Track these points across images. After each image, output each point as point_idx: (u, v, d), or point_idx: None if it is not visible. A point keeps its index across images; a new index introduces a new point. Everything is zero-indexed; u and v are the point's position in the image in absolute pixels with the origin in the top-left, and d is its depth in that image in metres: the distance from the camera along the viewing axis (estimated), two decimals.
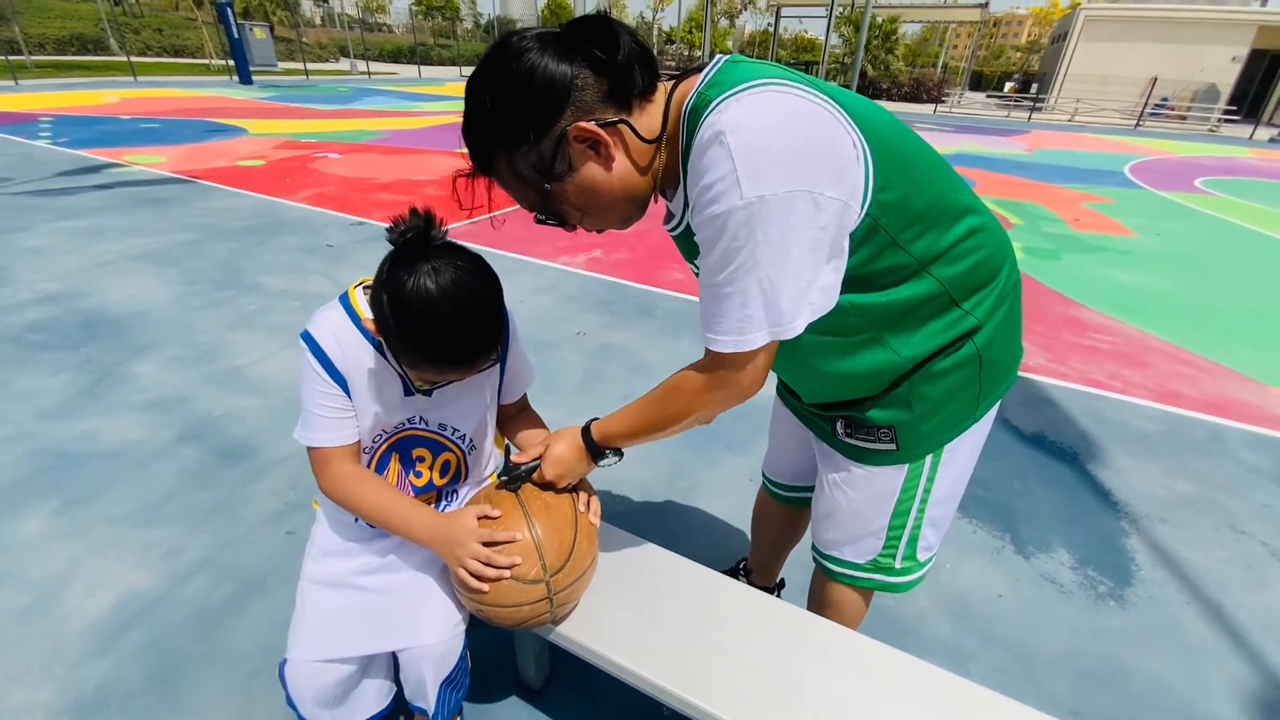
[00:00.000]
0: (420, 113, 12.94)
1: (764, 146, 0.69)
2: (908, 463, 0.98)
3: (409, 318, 0.83)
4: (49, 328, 2.98)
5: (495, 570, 0.95)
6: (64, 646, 1.44)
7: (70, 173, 6.13)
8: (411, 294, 0.82)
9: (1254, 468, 2.40)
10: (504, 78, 0.74)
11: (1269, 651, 1.61)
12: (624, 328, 3.34)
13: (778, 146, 0.69)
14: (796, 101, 0.72)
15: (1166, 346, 3.46)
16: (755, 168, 0.69)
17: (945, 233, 0.83)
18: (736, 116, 0.70)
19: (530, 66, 0.73)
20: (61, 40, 24.46)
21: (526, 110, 0.75)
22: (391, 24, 67.35)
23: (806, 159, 0.70)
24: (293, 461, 2.11)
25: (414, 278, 0.82)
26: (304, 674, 0.99)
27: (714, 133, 0.70)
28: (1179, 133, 19.77)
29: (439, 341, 0.86)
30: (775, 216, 0.70)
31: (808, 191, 0.70)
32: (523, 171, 0.80)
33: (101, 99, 12.50)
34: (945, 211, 0.83)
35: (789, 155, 0.70)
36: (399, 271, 0.83)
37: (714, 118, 0.71)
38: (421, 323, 0.83)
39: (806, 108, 0.72)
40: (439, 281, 0.83)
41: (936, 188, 0.83)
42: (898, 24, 30.37)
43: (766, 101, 0.71)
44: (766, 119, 0.70)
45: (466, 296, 0.85)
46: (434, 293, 0.82)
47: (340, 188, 6.09)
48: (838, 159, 0.72)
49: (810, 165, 0.70)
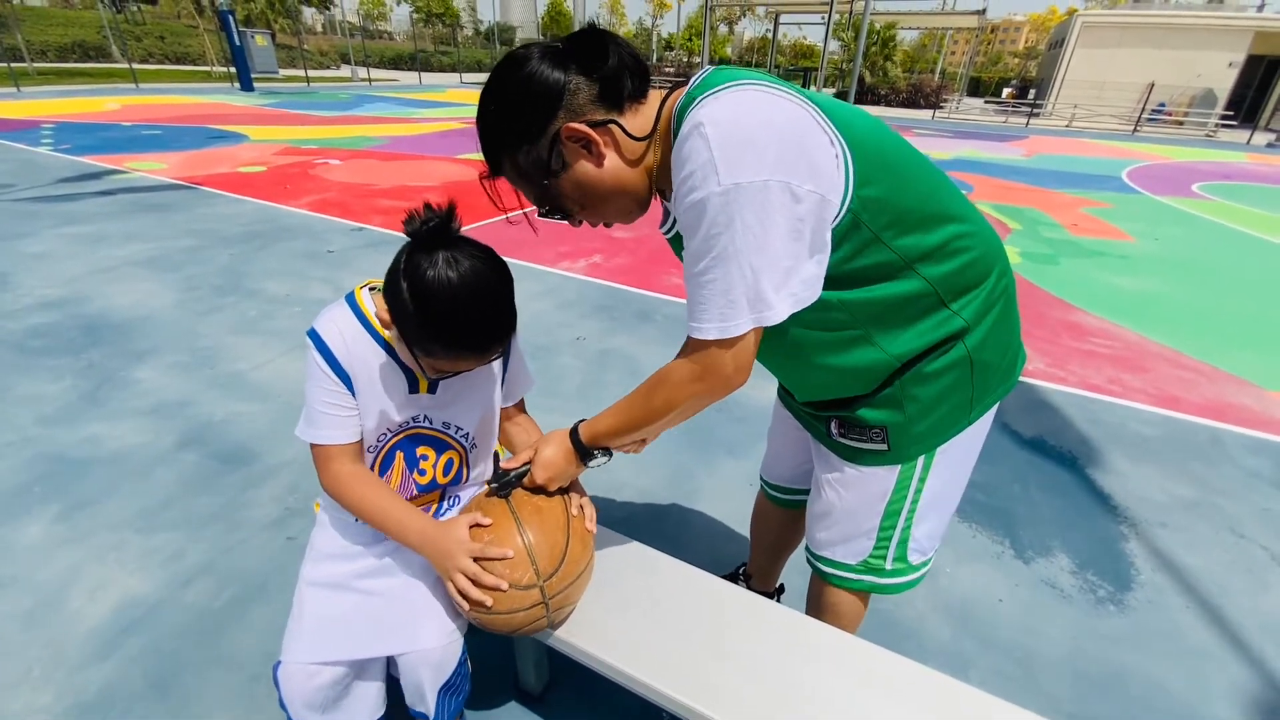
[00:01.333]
0: (421, 119, 12.99)
1: (741, 137, 0.73)
2: (900, 464, 0.99)
3: (429, 303, 0.85)
4: (51, 333, 2.99)
5: (479, 592, 0.95)
6: (65, 651, 1.44)
7: (72, 179, 6.16)
8: (432, 280, 0.84)
9: (1254, 471, 2.40)
10: (506, 86, 0.82)
11: (1269, 655, 1.61)
12: (624, 333, 3.35)
13: (755, 137, 0.73)
14: (775, 99, 0.76)
15: (1165, 351, 3.46)
16: (732, 157, 0.72)
17: (931, 232, 0.85)
18: (716, 110, 0.74)
19: (528, 74, 0.80)
20: (63, 47, 24.56)
21: (525, 113, 0.82)
22: (392, 31, 67.72)
23: (783, 151, 0.73)
24: (294, 467, 2.12)
25: (434, 266, 0.85)
26: (297, 676, 0.99)
27: (693, 124, 0.74)
28: (1176, 138, 19.83)
29: (457, 327, 0.88)
30: (752, 204, 0.73)
31: (784, 182, 0.73)
32: (525, 170, 0.87)
33: (103, 106, 12.56)
34: (931, 211, 0.85)
35: (765, 146, 0.73)
36: (419, 259, 0.85)
37: (695, 112, 0.75)
38: (441, 308, 0.86)
39: (784, 105, 0.76)
40: (459, 270, 0.86)
41: (921, 188, 0.85)
42: (895, 30, 30.54)
43: (746, 98, 0.75)
44: (744, 113, 0.74)
45: (484, 285, 0.88)
46: (454, 280, 0.85)
47: (341, 193, 6.12)
48: (814, 154, 0.75)
49: (786, 157, 0.73)
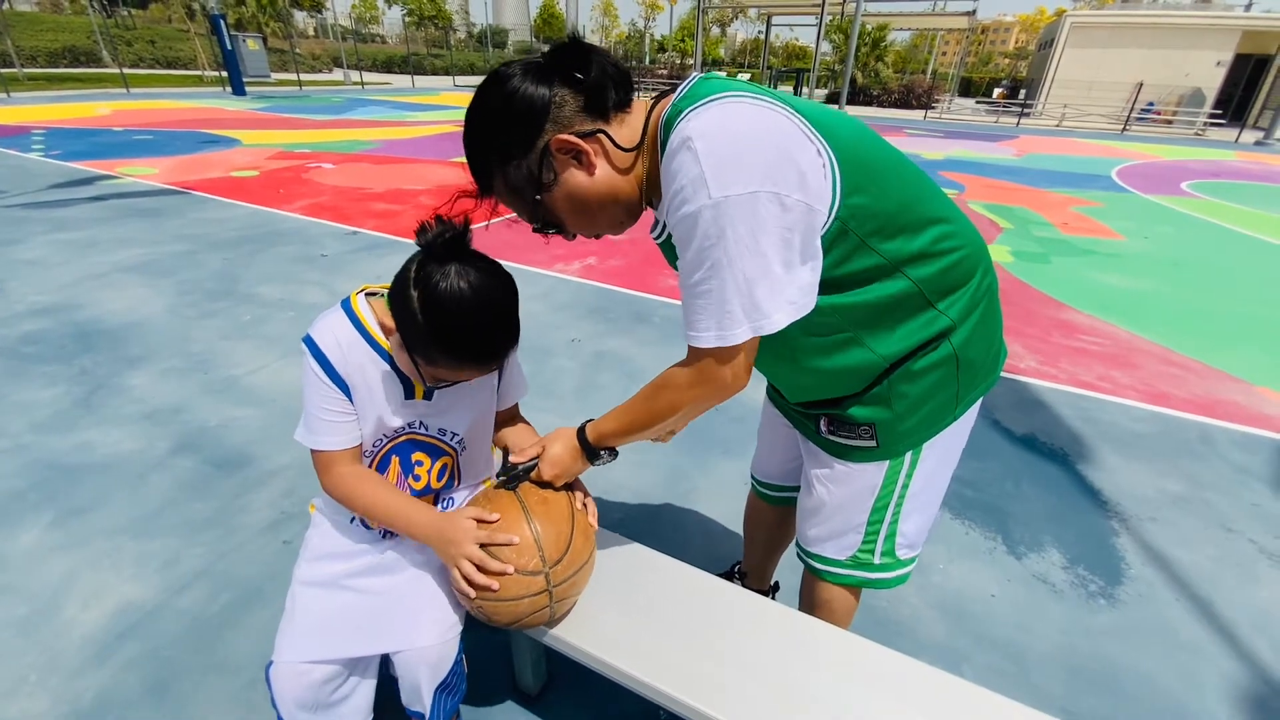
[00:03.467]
0: (414, 122, 12.97)
1: (729, 150, 0.74)
2: (888, 459, 1.01)
3: (439, 314, 0.87)
4: (43, 340, 2.98)
5: (484, 578, 0.96)
6: (61, 657, 1.44)
7: (63, 185, 6.12)
8: (445, 292, 0.86)
9: (1243, 467, 2.43)
10: (492, 104, 0.83)
11: (1259, 648, 1.63)
12: (619, 334, 3.35)
13: (742, 150, 0.74)
14: (760, 111, 0.77)
15: (1155, 348, 3.50)
16: (721, 170, 0.73)
17: (916, 235, 0.86)
18: (703, 124, 0.75)
19: (512, 91, 0.81)
20: (54, 52, 24.37)
21: (512, 130, 0.83)
22: (385, 34, 67.48)
23: (770, 162, 0.75)
24: (289, 471, 2.12)
25: (446, 277, 0.86)
26: (288, 676, 0.99)
27: (682, 139, 0.75)
28: (1166, 137, 19.98)
29: (465, 339, 0.89)
30: (742, 215, 0.74)
31: (773, 193, 0.74)
32: (516, 185, 0.87)
33: (94, 111, 12.49)
34: (916, 215, 0.86)
35: (753, 158, 0.74)
36: (431, 270, 0.87)
37: (682, 126, 0.76)
38: (451, 320, 0.87)
39: (770, 116, 0.77)
40: (470, 282, 0.87)
41: (906, 192, 0.86)
42: (887, 31, 30.70)
43: (732, 110, 0.76)
44: (732, 126, 0.75)
45: (493, 298, 0.90)
46: (466, 292, 0.86)
47: (334, 197, 6.11)
48: (801, 164, 0.76)
49: (774, 168, 0.75)
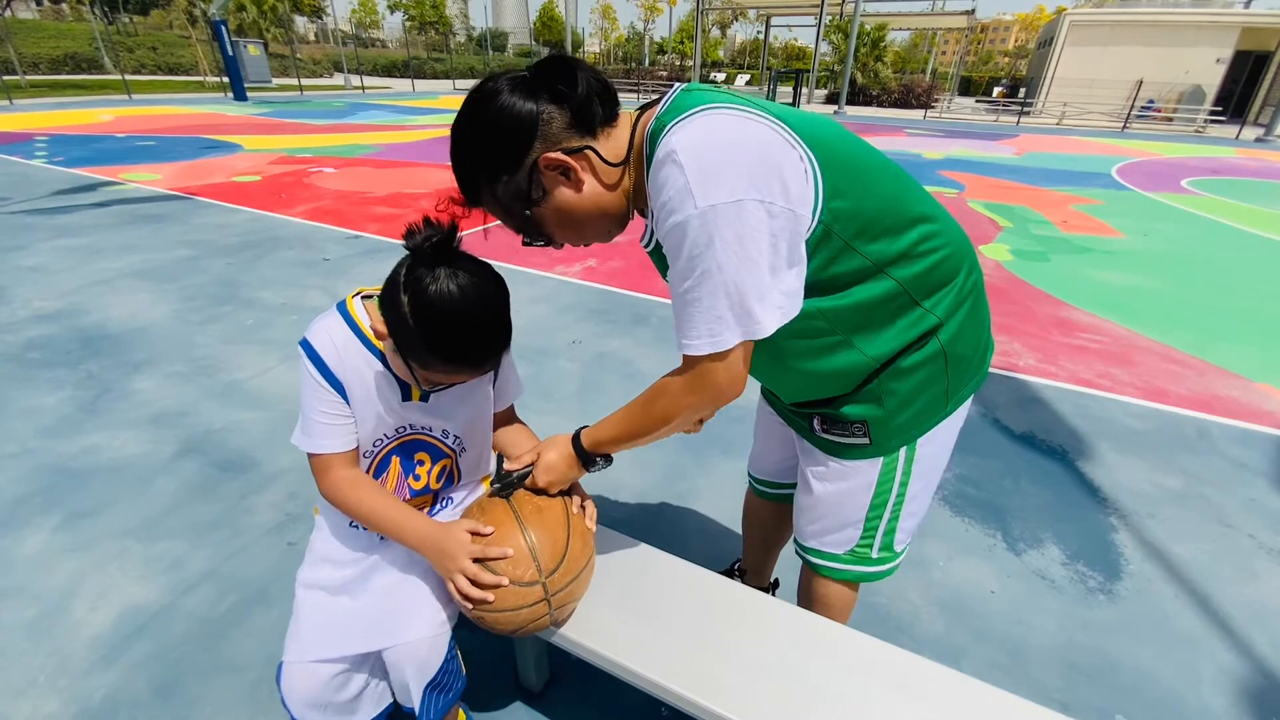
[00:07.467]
0: (414, 126, 13.00)
1: (714, 161, 0.76)
2: (882, 456, 1.02)
3: (429, 317, 0.87)
4: (48, 345, 3.00)
5: (479, 592, 0.97)
6: (70, 659, 1.46)
7: (66, 191, 6.16)
8: (435, 295, 0.86)
9: (1241, 462, 2.43)
10: (479, 120, 0.83)
11: (1257, 643, 1.64)
12: (619, 336, 3.37)
13: (727, 160, 0.76)
14: (742, 121, 0.79)
15: (1154, 345, 3.50)
16: (706, 180, 0.75)
17: (900, 236, 0.88)
18: (687, 136, 0.77)
19: (500, 108, 0.81)
20: (56, 60, 24.52)
21: (501, 147, 0.83)
22: (385, 39, 67.68)
23: (753, 171, 0.76)
24: (293, 473, 2.14)
25: (436, 280, 0.86)
26: (296, 675, 1.01)
27: (667, 152, 0.77)
28: (1166, 134, 19.94)
29: (455, 342, 0.90)
30: (728, 223, 0.76)
31: (758, 200, 0.76)
32: (505, 200, 0.88)
33: (97, 117, 12.55)
34: (899, 215, 0.88)
35: (737, 167, 0.76)
36: (420, 274, 0.87)
37: (667, 139, 0.78)
38: (441, 323, 0.87)
39: (752, 126, 0.79)
40: (460, 284, 0.87)
41: (888, 193, 0.88)
42: (886, 31, 30.71)
43: (714, 122, 0.78)
44: (715, 137, 0.77)
45: (483, 301, 0.90)
46: (456, 295, 0.87)
47: (336, 202, 6.13)
48: (784, 171, 0.78)
49: (757, 176, 0.76)
